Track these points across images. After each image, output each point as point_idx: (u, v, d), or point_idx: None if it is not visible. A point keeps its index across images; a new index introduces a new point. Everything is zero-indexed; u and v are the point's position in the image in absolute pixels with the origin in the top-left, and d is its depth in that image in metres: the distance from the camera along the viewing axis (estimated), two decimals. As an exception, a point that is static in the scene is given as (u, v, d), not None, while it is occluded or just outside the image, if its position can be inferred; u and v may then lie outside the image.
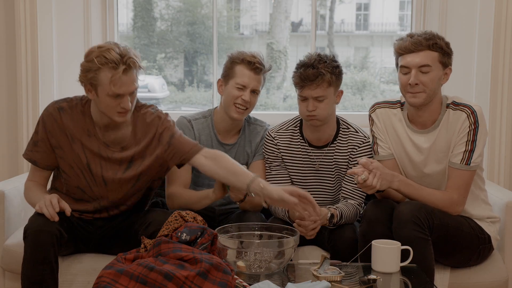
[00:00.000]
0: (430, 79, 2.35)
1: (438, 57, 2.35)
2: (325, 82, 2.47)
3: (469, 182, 2.41)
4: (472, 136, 2.37)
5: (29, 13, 3.19)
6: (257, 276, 2.05)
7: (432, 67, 2.34)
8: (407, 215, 2.28)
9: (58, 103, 2.38)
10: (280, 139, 2.65)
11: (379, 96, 4.73)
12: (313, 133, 2.61)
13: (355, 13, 5.54)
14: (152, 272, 1.85)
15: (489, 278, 2.49)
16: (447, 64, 2.39)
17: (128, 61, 2.20)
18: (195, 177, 2.67)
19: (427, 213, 2.31)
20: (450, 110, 2.42)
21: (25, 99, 3.23)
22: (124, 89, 2.23)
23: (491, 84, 3.16)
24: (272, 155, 2.65)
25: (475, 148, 2.38)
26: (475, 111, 2.38)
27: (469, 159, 2.38)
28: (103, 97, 2.24)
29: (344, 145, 2.61)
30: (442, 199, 2.39)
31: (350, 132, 2.62)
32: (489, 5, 3.15)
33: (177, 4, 4.67)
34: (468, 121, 2.37)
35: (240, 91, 2.57)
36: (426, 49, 2.33)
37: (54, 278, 2.20)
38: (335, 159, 2.61)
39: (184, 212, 2.22)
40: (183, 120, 2.69)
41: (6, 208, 2.59)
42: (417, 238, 2.25)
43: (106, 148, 2.37)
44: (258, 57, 2.58)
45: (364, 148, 2.59)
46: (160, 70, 4.74)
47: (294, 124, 2.68)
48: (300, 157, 2.64)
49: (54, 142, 2.35)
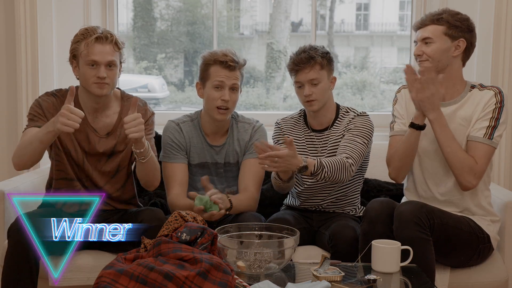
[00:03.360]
0: (432, 49, 2.45)
1: (443, 29, 2.45)
2: (317, 64, 2.59)
3: (489, 157, 2.43)
4: (497, 114, 2.42)
5: (29, 13, 3.19)
6: (257, 276, 2.05)
7: (434, 39, 2.45)
8: (408, 215, 2.28)
9: (51, 91, 2.55)
10: (285, 125, 2.78)
11: (379, 96, 4.73)
12: (314, 118, 2.71)
13: (355, 13, 5.54)
14: (152, 272, 1.85)
15: (489, 278, 2.50)
16: (457, 36, 2.46)
17: (104, 32, 2.40)
18: (191, 181, 2.68)
19: (428, 212, 2.31)
20: (477, 90, 2.48)
21: (25, 99, 3.23)
22: (99, 56, 2.38)
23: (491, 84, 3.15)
24: (277, 138, 2.76)
25: (498, 126, 2.42)
26: (502, 91, 2.45)
27: (491, 134, 2.41)
28: (82, 68, 2.42)
29: (345, 126, 2.68)
30: (465, 159, 2.38)
31: (350, 115, 2.70)
32: (489, 5, 3.15)
33: (177, 4, 4.67)
34: (495, 98, 2.43)
35: (218, 91, 2.58)
36: (430, 24, 2.48)
37: (32, 279, 2.24)
38: (337, 139, 2.67)
39: (184, 212, 2.22)
40: (171, 124, 2.71)
41: (6, 208, 2.59)
42: (418, 238, 2.26)
43: (94, 134, 2.49)
44: (229, 55, 2.59)
45: (358, 118, 2.67)
46: (160, 70, 4.74)
47: (299, 114, 2.81)
48: (303, 141, 2.72)
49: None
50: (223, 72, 2.58)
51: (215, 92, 2.59)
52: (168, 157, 2.67)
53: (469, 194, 2.48)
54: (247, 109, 4.18)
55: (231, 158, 2.71)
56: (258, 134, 2.72)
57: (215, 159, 2.70)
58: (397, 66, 5.20)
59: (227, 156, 2.70)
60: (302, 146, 2.72)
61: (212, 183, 2.67)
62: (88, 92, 2.45)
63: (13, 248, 2.24)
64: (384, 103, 4.51)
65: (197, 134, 2.70)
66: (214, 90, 2.59)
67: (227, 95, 2.58)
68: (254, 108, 4.36)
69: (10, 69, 3.34)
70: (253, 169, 2.66)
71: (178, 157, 2.66)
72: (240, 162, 2.72)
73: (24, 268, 2.22)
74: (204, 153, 2.70)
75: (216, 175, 2.72)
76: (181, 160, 2.67)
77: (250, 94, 4.51)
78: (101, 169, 2.53)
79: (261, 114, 3.63)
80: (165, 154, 2.67)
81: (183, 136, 2.68)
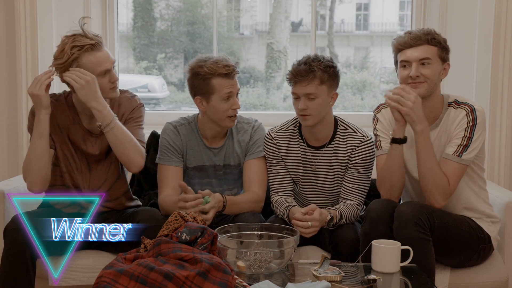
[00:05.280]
0: (432, 71, 2.37)
1: (437, 51, 2.38)
2: (317, 79, 2.46)
3: (459, 175, 2.38)
4: (469, 132, 2.37)
5: (29, 13, 3.18)
6: (257, 276, 2.05)
7: (432, 60, 2.37)
8: (408, 215, 2.28)
9: None
10: (280, 139, 2.66)
11: (379, 96, 4.73)
12: (310, 133, 2.61)
13: (355, 13, 5.54)
14: (152, 272, 1.85)
15: (489, 278, 2.49)
16: (445, 60, 2.42)
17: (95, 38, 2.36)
18: (189, 184, 2.69)
19: (428, 213, 2.30)
20: (452, 108, 2.43)
21: (25, 99, 3.23)
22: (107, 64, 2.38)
23: (491, 84, 3.15)
24: (272, 155, 2.66)
25: (470, 145, 2.37)
26: (474, 109, 2.38)
27: (462, 152, 2.37)
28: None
29: (343, 146, 2.61)
30: (441, 180, 2.34)
31: (349, 133, 2.62)
32: (489, 5, 3.15)
33: (177, 4, 4.68)
34: (466, 118, 2.38)
35: (228, 102, 2.55)
36: (425, 44, 2.37)
37: (29, 279, 2.24)
38: (335, 160, 2.61)
39: (184, 212, 2.22)
40: (169, 127, 2.70)
41: (6, 208, 2.59)
42: (418, 239, 2.25)
43: (90, 136, 2.48)
44: (229, 64, 2.53)
45: (362, 148, 2.58)
46: (160, 70, 4.74)
47: (294, 124, 2.68)
48: (299, 157, 2.64)
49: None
50: (228, 82, 2.53)
51: (225, 104, 2.55)
52: (163, 159, 2.66)
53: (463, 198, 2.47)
54: (247, 109, 4.18)
55: (231, 160, 2.70)
56: (258, 134, 2.71)
57: (214, 161, 2.69)
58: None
59: (227, 158, 2.69)
60: (297, 163, 2.65)
61: (210, 186, 2.67)
62: None
63: (9, 248, 2.24)
64: (384, 103, 4.51)
65: (195, 137, 2.69)
66: (224, 102, 2.55)
67: (238, 102, 2.57)
68: (254, 108, 4.35)
69: (10, 69, 3.34)
70: (256, 170, 2.66)
71: (173, 159, 2.65)
72: (242, 163, 2.71)
73: (21, 268, 2.23)
74: (201, 156, 2.69)
75: (215, 177, 2.71)
76: (176, 163, 2.65)
77: (250, 94, 4.51)
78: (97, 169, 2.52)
79: (261, 114, 3.62)
80: (160, 156, 2.67)
81: (180, 139, 2.67)
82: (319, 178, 2.64)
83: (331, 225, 2.48)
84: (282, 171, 2.66)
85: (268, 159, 2.67)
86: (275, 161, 2.66)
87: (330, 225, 2.47)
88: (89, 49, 2.34)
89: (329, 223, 2.46)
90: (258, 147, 2.68)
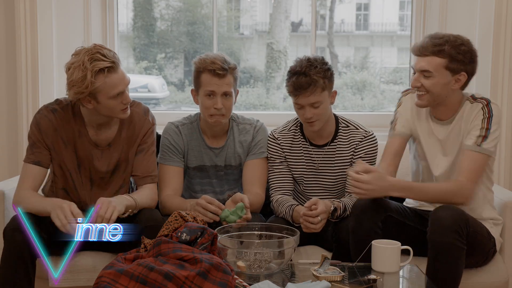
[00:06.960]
0: (432, 83, 2.34)
1: (444, 63, 2.32)
2: (319, 88, 2.47)
3: (479, 167, 2.36)
4: (486, 124, 2.36)
5: (29, 13, 3.18)
6: (257, 276, 2.05)
7: (434, 73, 2.33)
8: (448, 221, 2.20)
9: (51, 105, 2.45)
10: (283, 140, 2.67)
11: (379, 96, 4.73)
12: (313, 132, 2.62)
13: (355, 13, 5.53)
14: (152, 272, 1.85)
15: (489, 279, 2.49)
16: (458, 70, 2.34)
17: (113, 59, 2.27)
18: (190, 184, 2.69)
19: (466, 220, 2.24)
20: (468, 102, 2.43)
21: (25, 99, 3.23)
22: (121, 86, 2.31)
23: (491, 84, 3.15)
24: (276, 155, 2.66)
25: (489, 136, 2.35)
26: (490, 102, 2.38)
27: (482, 142, 2.35)
28: (106, 101, 2.31)
29: (346, 143, 2.63)
30: (450, 188, 2.34)
31: (350, 129, 2.64)
32: (489, 5, 3.14)
33: (177, 4, 4.67)
34: (482, 110, 2.37)
35: (211, 100, 2.54)
36: (431, 55, 2.33)
37: (28, 279, 2.24)
38: (338, 157, 2.62)
39: (184, 212, 2.23)
40: (171, 126, 2.70)
41: (6, 208, 2.59)
42: (455, 247, 2.19)
43: (96, 148, 2.44)
44: (218, 62, 2.51)
45: (366, 142, 2.61)
46: (160, 70, 4.74)
47: (295, 124, 2.69)
48: (302, 156, 2.65)
49: (49, 143, 2.42)
50: (213, 80, 2.53)
51: (208, 100, 2.55)
52: (164, 158, 2.66)
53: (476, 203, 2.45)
54: (247, 109, 4.18)
55: (232, 160, 2.70)
56: (260, 134, 2.71)
57: (214, 161, 2.69)
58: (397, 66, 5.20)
59: (228, 159, 2.69)
60: (301, 162, 2.66)
61: (211, 186, 2.68)
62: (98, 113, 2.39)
63: (8, 248, 2.23)
64: (384, 103, 4.51)
65: (196, 136, 2.69)
66: (207, 98, 2.55)
67: (219, 103, 2.53)
68: (254, 108, 4.35)
69: (10, 70, 3.34)
70: (257, 170, 2.66)
71: (174, 160, 2.65)
72: (243, 163, 2.71)
73: (20, 268, 2.22)
74: (202, 156, 2.69)
75: (216, 177, 2.71)
76: (177, 164, 2.66)
77: (250, 94, 4.51)
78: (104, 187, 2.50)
79: (261, 114, 3.62)
80: (162, 155, 2.67)
81: (181, 139, 2.67)
82: (323, 176, 2.65)
83: (335, 217, 2.48)
84: (284, 170, 2.66)
85: (270, 159, 2.68)
86: (277, 161, 2.67)
87: (334, 216, 2.47)
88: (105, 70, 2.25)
89: (333, 214, 2.46)
90: (260, 148, 2.69)
